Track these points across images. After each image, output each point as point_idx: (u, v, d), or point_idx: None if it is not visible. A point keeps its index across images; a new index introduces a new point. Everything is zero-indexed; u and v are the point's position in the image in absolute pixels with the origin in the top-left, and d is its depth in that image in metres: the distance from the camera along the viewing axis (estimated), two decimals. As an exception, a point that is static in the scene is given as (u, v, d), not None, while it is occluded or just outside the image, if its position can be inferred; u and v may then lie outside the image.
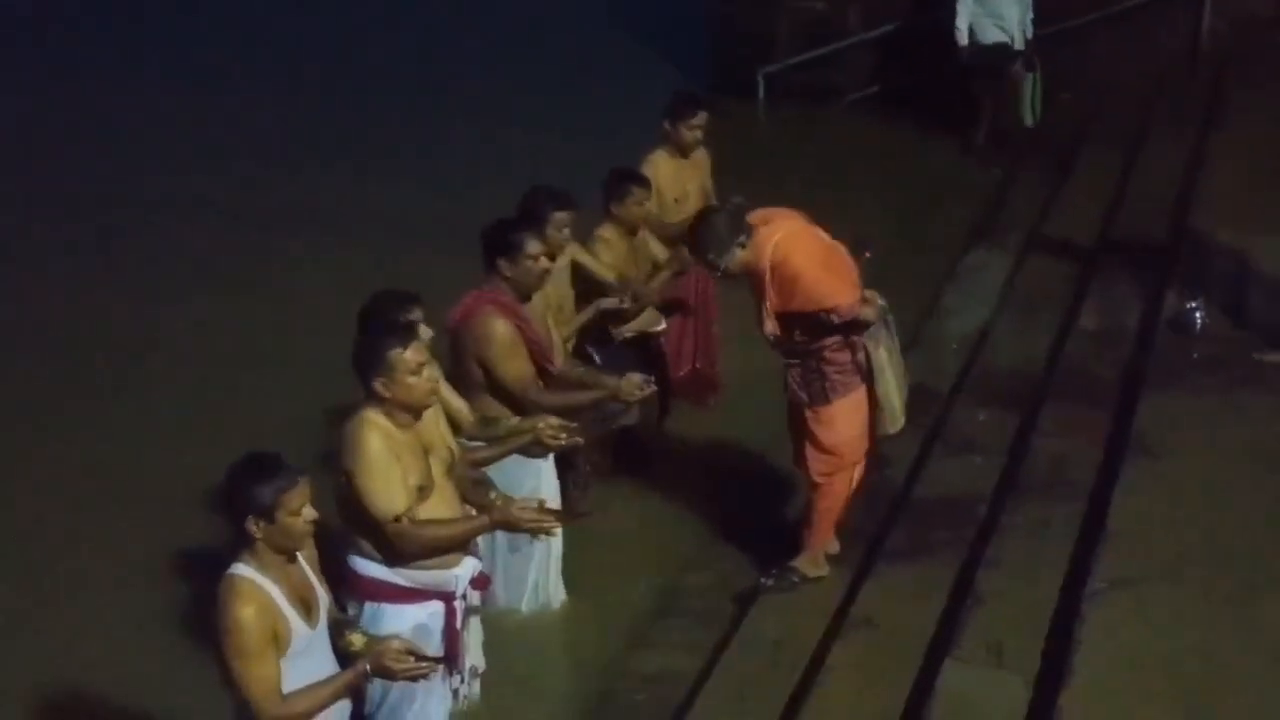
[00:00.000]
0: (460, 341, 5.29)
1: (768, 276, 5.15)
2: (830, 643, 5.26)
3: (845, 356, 5.28)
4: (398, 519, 4.27)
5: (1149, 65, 10.66)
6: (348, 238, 9.54)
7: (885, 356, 5.30)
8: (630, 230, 6.44)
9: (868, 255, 5.46)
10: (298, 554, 3.86)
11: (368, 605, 4.52)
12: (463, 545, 4.57)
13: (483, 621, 5.10)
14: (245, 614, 3.65)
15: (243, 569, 3.72)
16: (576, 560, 5.98)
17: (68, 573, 6.19)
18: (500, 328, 5.22)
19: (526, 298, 5.40)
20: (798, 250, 5.15)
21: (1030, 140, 10.23)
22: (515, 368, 5.25)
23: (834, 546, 5.78)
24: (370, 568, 4.47)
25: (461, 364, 5.32)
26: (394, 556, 4.42)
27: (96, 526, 6.47)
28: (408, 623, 4.49)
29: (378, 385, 4.25)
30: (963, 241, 8.77)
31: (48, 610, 5.97)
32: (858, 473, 5.63)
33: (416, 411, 4.37)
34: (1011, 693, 4.67)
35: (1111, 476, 5.64)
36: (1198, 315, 6.65)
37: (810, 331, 5.23)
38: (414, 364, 4.27)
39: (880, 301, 5.30)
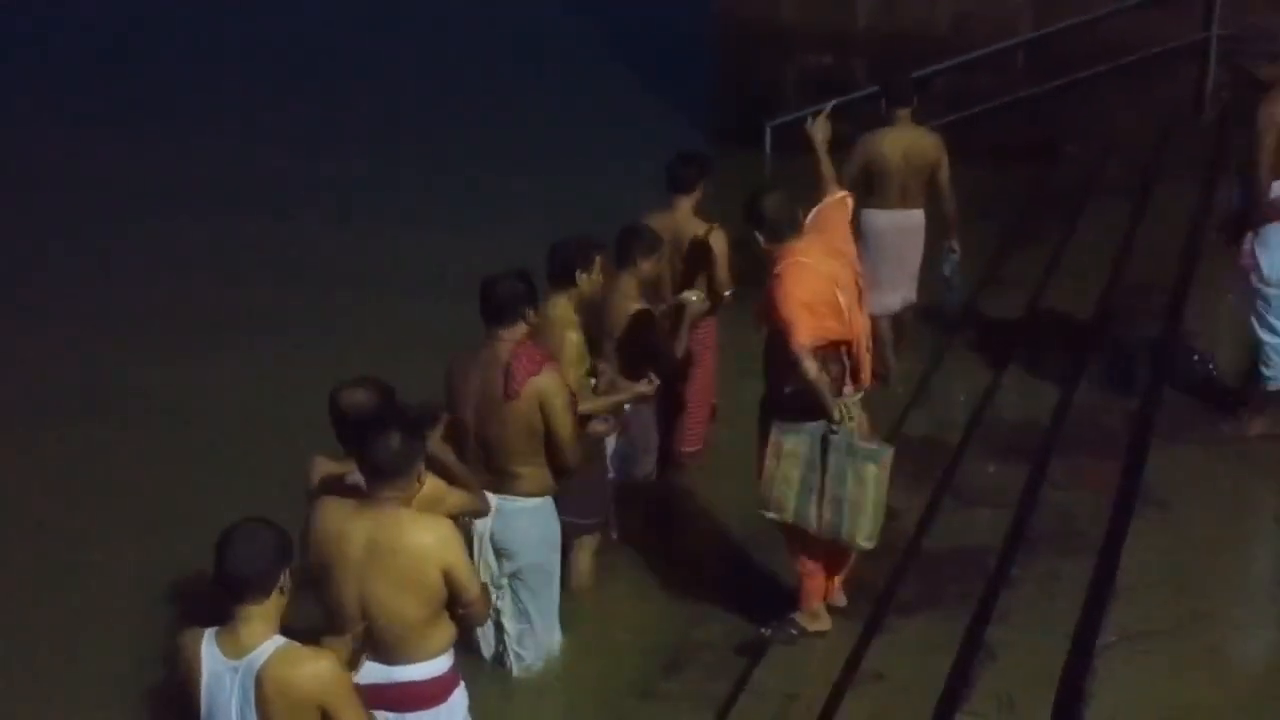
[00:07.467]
0: (528, 403, 5.18)
1: (770, 278, 5.22)
2: (840, 697, 5.22)
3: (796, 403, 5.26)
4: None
5: (1154, 116, 10.72)
6: (350, 288, 9.55)
7: (789, 449, 5.23)
8: (646, 284, 6.35)
9: None
10: None
11: (441, 709, 4.40)
12: None
13: (486, 679, 5.03)
14: None
15: None
16: (583, 614, 5.97)
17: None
18: (561, 385, 5.25)
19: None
20: (798, 280, 5.15)
21: None
22: (570, 422, 5.26)
23: (841, 600, 5.75)
24: (441, 664, 4.38)
25: (520, 423, 5.22)
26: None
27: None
28: (465, 699, 4.51)
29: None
30: (969, 291, 8.77)
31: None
32: None
33: None
34: (1023, 748, 4.63)
35: (1121, 528, 5.62)
36: (1208, 366, 6.63)
37: (775, 350, 5.24)
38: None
39: (850, 418, 5.23)
